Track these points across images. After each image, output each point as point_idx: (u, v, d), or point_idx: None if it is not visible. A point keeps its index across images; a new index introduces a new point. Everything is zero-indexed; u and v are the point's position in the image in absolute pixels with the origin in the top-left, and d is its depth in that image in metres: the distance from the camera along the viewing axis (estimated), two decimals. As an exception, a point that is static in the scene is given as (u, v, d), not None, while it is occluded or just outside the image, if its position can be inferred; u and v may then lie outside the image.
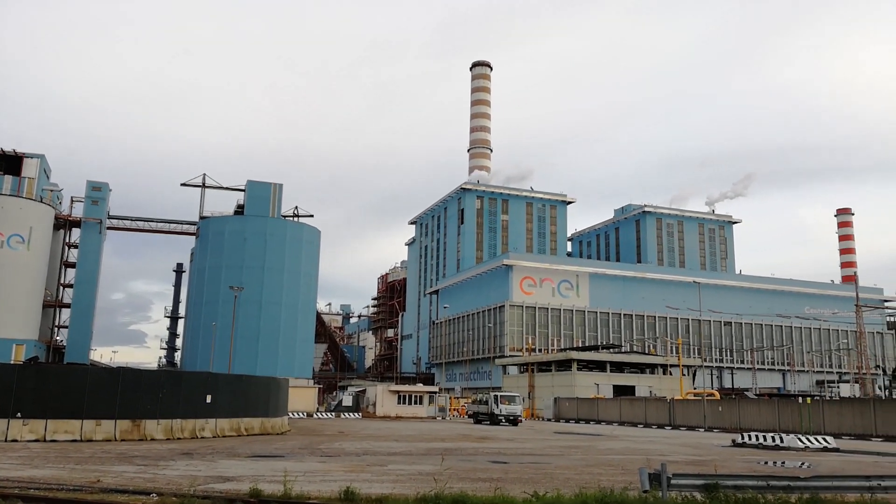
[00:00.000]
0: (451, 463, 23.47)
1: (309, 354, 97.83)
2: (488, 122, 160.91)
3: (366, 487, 15.95)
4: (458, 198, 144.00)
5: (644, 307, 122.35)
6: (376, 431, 45.52)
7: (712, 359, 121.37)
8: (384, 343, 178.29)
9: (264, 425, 39.54)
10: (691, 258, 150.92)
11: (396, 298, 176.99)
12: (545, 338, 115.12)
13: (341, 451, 28.42)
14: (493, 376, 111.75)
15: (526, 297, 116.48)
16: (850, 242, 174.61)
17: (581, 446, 34.92)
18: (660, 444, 37.48)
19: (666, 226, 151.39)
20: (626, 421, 68.49)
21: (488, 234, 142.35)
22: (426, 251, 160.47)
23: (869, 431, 46.24)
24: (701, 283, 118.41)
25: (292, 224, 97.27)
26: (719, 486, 13.60)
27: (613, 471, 22.20)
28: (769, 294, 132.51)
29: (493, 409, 60.28)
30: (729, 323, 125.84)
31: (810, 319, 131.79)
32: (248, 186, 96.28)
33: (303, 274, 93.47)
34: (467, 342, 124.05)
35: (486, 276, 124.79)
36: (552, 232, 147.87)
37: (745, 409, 57.24)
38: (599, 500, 13.00)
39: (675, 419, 63.31)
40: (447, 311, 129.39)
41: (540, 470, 22.16)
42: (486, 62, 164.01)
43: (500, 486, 16.00)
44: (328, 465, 22.71)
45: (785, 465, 25.74)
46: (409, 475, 19.82)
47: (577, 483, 17.35)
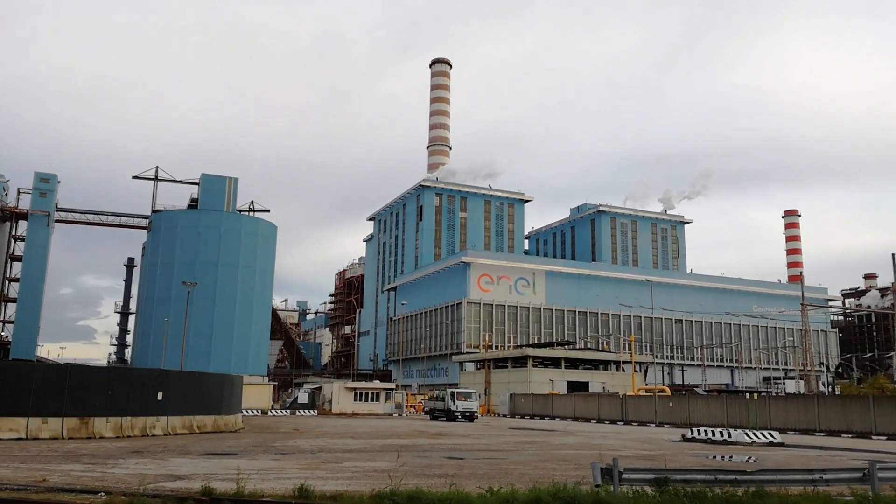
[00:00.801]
0: (407, 459, 23.50)
1: (264, 351, 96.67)
2: (448, 119, 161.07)
3: (320, 485, 15.87)
4: (417, 195, 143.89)
5: (598, 305, 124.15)
6: (332, 429, 45.26)
7: (664, 356, 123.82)
8: (341, 340, 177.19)
9: (217, 423, 38.98)
10: (644, 257, 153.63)
11: (354, 295, 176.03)
12: (502, 335, 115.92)
13: (296, 449, 28.20)
14: (451, 373, 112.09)
15: (483, 294, 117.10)
16: (796, 243, 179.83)
17: (535, 442, 35.29)
18: (612, 440, 38.12)
19: (620, 225, 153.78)
20: (579, 416, 69.45)
21: (447, 231, 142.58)
22: (384, 248, 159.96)
23: (813, 426, 47.78)
24: (653, 282, 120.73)
25: (248, 219, 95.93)
26: (669, 481, 13.89)
27: (567, 466, 22.51)
28: (718, 293, 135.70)
29: (449, 406, 60.53)
30: (680, 321, 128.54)
31: (758, 318, 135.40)
32: (203, 180, 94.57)
33: (258, 270, 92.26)
34: (425, 339, 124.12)
35: (444, 273, 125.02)
36: (510, 230, 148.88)
37: (694, 405, 58.55)
38: (553, 495, 13.16)
39: (628, 415, 64.45)
40: (405, 308, 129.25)
41: (495, 465, 22.34)
42: (446, 59, 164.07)
43: (456, 481, 16.09)
44: (282, 462, 22.51)
45: (732, 460, 26.43)
46: (365, 472, 19.79)
47: (532, 478, 17.55)
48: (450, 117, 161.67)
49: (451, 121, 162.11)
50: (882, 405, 44.87)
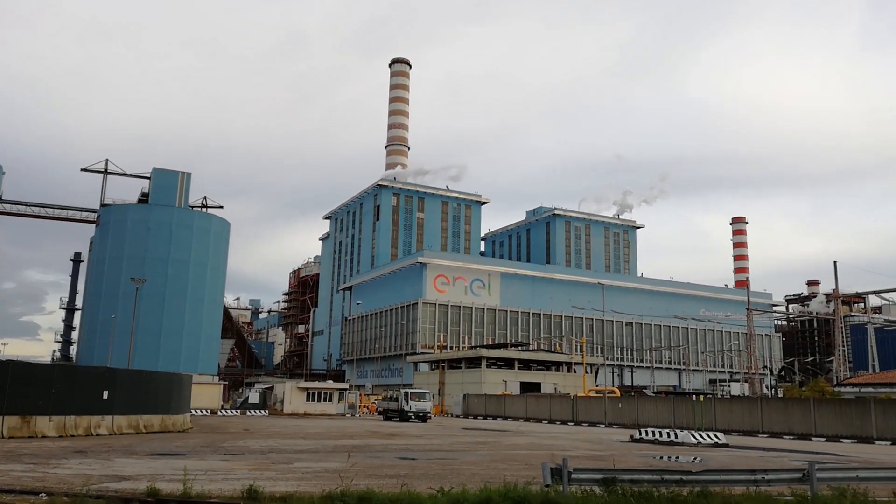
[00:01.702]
0: (359, 460, 23.41)
1: (214, 350, 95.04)
2: (406, 119, 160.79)
3: (270, 486, 15.71)
4: (374, 194, 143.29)
5: (552, 307, 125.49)
6: (283, 429, 44.78)
7: (614, 357, 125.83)
8: (294, 339, 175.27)
9: (165, 423, 38.23)
10: (597, 260, 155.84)
11: (308, 294, 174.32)
12: (457, 335, 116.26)
13: (245, 449, 27.82)
14: (405, 373, 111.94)
15: (439, 294, 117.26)
16: (743, 249, 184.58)
17: (488, 442, 35.52)
18: (562, 440, 38.60)
19: (574, 229, 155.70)
20: (531, 417, 70.11)
21: (404, 231, 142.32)
22: (340, 247, 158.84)
23: (756, 428, 49.17)
24: (605, 285, 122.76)
25: (200, 214, 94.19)
26: (617, 481, 14.14)
27: (518, 466, 22.73)
28: (668, 296, 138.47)
29: (403, 406, 60.46)
30: (630, 323, 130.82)
31: (705, 321, 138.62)
32: (154, 174, 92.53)
33: (210, 267, 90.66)
34: (380, 339, 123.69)
35: (400, 273, 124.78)
36: (467, 231, 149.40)
37: (643, 406, 59.66)
38: (503, 495, 13.28)
39: (578, 415, 65.31)
40: (360, 308, 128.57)
41: (447, 466, 22.42)
42: (406, 60, 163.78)
43: (407, 482, 16.11)
44: (231, 463, 22.20)
45: (678, 460, 27.01)
46: (315, 473, 19.65)
47: (483, 478, 17.68)
48: (408, 118, 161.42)
49: (410, 121, 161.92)
50: (822, 408, 46.44)
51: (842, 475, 15.07)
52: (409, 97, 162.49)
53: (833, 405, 46.96)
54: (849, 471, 15.43)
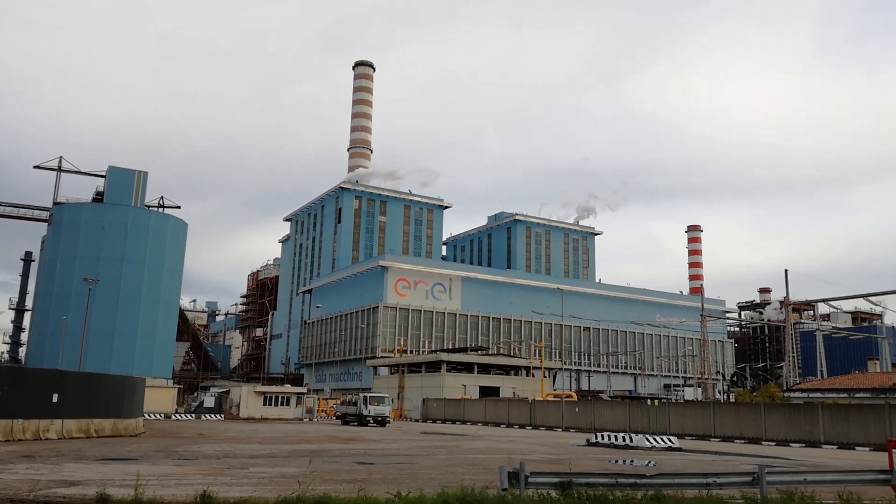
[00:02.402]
0: (316, 465, 23.22)
1: (169, 353, 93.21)
2: (369, 122, 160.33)
3: (224, 491, 15.49)
4: (336, 196, 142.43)
5: (512, 311, 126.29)
6: (239, 433, 44.15)
7: (572, 362, 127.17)
8: (252, 342, 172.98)
9: (117, 427, 37.37)
10: (556, 266, 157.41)
11: (267, 297, 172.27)
12: (417, 340, 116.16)
13: (200, 454, 27.36)
14: (364, 377, 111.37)
15: (400, 298, 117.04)
16: (697, 257, 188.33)
17: (446, 446, 35.55)
18: (520, 444, 38.84)
19: (535, 234, 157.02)
20: (490, 421, 70.39)
21: (365, 234, 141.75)
22: (301, 249, 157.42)
23: (709, 432, 50.18)
24: (564, 290, 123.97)
25: (157, 214, 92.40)
26: (573, 484, 14.31)
27: (476, 470, 22.80)
28: (625, 302, 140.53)
29: (361, 410, 60.13)
30: (588, 328, 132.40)
31: (660, 327, 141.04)
32: (110, 172, 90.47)
33: (166, 268, 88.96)
34: (339, 343, 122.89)
35: (361, 276, 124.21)
36: (428, 235, 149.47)
37: (599, 411, 60.41)
38: (460, 499, 13.32)
39: (536, 419, 65.80)
40: (320, 311, 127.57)
41: (405, 470, 22.39)
42: (369, 62, 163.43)
43: (365, 486, 16.04)
44: (185, 468, 21.82)
45: (633, 464, 27.42)
46: (271, 478, 19.44)
47: (441, 482, 17.69)
48: (371, 120, 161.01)
49: (373, 124, 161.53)
50: (772, 413, 47.64)
51: (790, 479, 15.47)
52: (373, 100, 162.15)
53: (783, 410, 48.20)
54: (797, 474, 15.84)
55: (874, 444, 39.84)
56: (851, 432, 42.30)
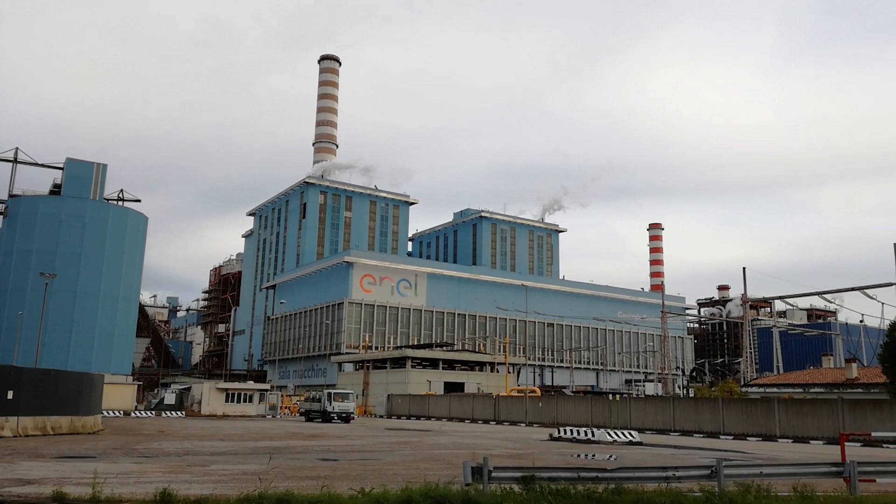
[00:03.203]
0: (279, 462, 23.06)
1: (129, 349, 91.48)
2: (335, 117, 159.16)
3: (184, 489, 15.30)
4: (300, 191, 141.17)
5: (477, 307, 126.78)
6: (200, 431, 43.59)
7: (536, 357, 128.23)
8: (214, 339, 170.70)
9: (74, 424, 36.61)
10: (521, 263, 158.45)
11: (230, 292, 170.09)
12: (382, 336, 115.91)
13: (160, 451, 26.96)
14: (329, 374, 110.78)
15: (365, 294, 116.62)
16: (658, 255, 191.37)
17: (410, 442, 35.58)
18: (484, 439, 39.06)
19: (500, 231, 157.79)
20: (454, 416, 70.62)
21: (330, 230, 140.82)
22: (265, 244, 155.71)
23: (668, 426, 51.07)
24: (528, 287, 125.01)
25: (116, 208, 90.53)
26: (535, 479, 14.45)
27: (440, 465, 22.87)
28: (587, 299, 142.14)
29: (325, 407, 59.84)
30: (552, 324, 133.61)
31: (622, 323, 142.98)
32: (68, 165, 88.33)
33: (125, 262, 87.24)
34: (303, 339, 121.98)
35: (326, 272, 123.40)
36: (394, 231, 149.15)
37: (562, 406, 61.04)
38: (424, 495, 13.35)
39: (500, 415, 66.21)
40: (284, 307, 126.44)
41: (369, 466, 22.36)
42: (335, 56, 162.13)
43: (328, 483, 15.98)
44: (144, 465, 21.48)
45: (595, 458, 27.77)
46: (233, 475, 19.25)
47: (404, 478, 17.72)
48: (337, 115, 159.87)
49: (339, 119, 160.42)
50: (730, 407, 48.66)
51: (747, 472, 15.86)
52: (339, 94, 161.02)
53: (740, 405, 49.25)
54: (754, 467, 16.25)
55: (828, 438, 40.97)
56: (806, 426, 43.44)
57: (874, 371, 55.82)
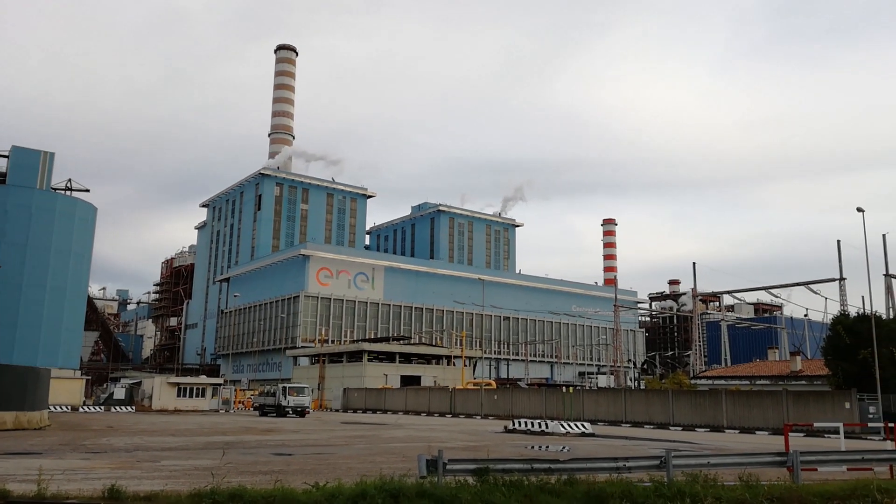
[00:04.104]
0: (232, 457, 22.81)
1: (77, 343, 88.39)
2: (291, 107, 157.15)
3: (134, 485, 15.03)
4: (256, 183, 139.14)
5: (434, 301, 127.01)
6: (151, 426, 42.84)
7: (492, 351, 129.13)
8: (166, 332, 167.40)
9: (19, 420, 35.64)
10: (478, 257, 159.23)
11: (182, 285, 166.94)
12: (339, 329, 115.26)
13: (108, 447, 26.41)
14: (284, 368, 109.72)
15: (322, 288, 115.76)
16: (612, 250, 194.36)
17: (366, 436, 35.54)
18: (440, 432, 39.25)
19: (458, 225, 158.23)
20: (411, 410, 70.75)
21: (286, 222, 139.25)
22: (218, 236, 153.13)
23: (620, 418, 52.08)
24: (485, 281, 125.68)
25: (64, 198, 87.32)
26: (489, 470, 14.61)
27: (395, 458, 22.93)
28: (543, 293, 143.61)
29: (280, 401, 59.35)
30: (508, 318, 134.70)
31: (576, 317, 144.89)
32: (13, 152, 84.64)
33: (73, 254, 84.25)
34: (258, 333, 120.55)
35: (281, 265, 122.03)
36: (352, 224, 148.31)
37: (517, 398, 61.71)
38: (379, 488, 13.37)
39: (456, 407, 66.58)
40: (238, 300, 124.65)
41: (323, 460, 22.29)
42: (292, 46, 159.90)
43: (282, 478, 15.88)
44: (92, 462, 21.02)
45: (548, 450, 28.18)
46: (184, 470, 18.98)
47: (359, 472, 17.73)
48: (294, 106, 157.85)
49: (296, 110, 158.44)
50: (679, 399, 49.85)
51: (695, 462, 16.28)
52: (295, 85, 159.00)
53: (689, 396, 50.50)
54: (701, 458, 16.69)
55: (772, 429, 42.32)
56: (752, 417, 44.80)
57: (817, 363, 57.76)
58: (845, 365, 45.77)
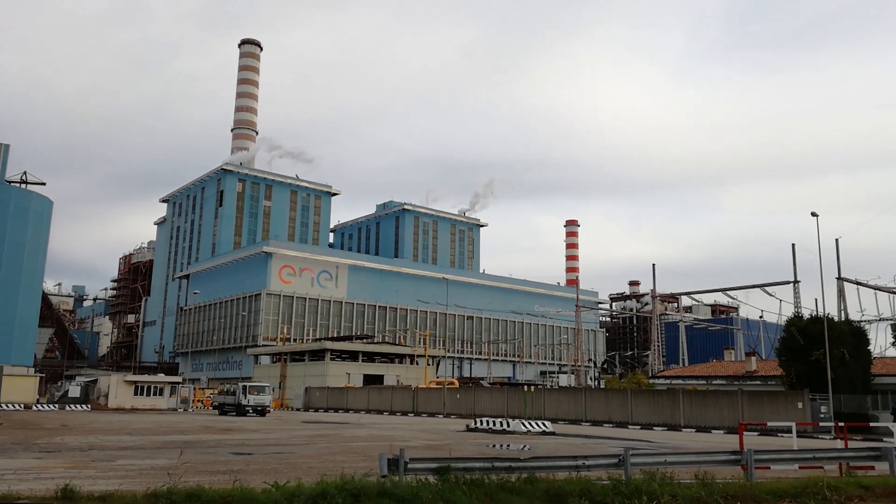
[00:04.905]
0: (190, 456, 22.48)
1: (30, 339, 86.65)
2: (255, 103, 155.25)
3: (88, 484, 14.74)
4: (218, 178, 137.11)
5: (398, 300, 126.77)
6: (107, 425, 41.95)
7: (455, 350, 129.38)
8: (123, 329, 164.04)
9: (-33, 419, 34.52)
10: (443, 256, 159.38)
11: (140, 282, 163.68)
12: (301, 328, 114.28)
13: (63, 447, 25.81)
14: (244, 366, 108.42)
15: (284, 285, 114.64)
16: (574, 250, 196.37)
17: (327, 435, 35.35)
18: (402, 431, 39.23)
19: (422, 224, 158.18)
20: (373, 409, 70.55)
21: (249, 219, 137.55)
22: (178, 232, 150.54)
23: (580, 416, 52.67)
24: (449, 280, 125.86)
25: (18, 191, 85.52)
26: (451, 469, 14.65)
27: (356, 458, 22.86)
28: (506, 292, 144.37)
29: (240, 400, 58.66)
30: (471, 317, 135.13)
31: (538, 316, 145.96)
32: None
33: (28, 248, 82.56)
34: (218, 330, 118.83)
35: (243, 262, 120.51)
36: (315, 222, 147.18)
37: (479, 397, 61.97)
38: (339, 488, 13.32)
39: (419, 406, 66.60)
40: (198, 298, 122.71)
41: (284, 460, 22.11)
42: (256, 41, 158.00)
43: (241, 477, 15.72)
44: (46, 461, 20.53)
45: (509, 448, 28.38)
46: (141, 470, 18.66)
47: (320, 471, 17.63)
48: (258, 101, 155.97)
49: (260, 105, 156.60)
50: (638, 398, 50.60)
51: (652, 460, 16.57)
52: (259, 80, 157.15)
53: (648, 396, 51.30)
54: (659, 456, 16.98)
55: (728, 428, 43.23)
56: (708, 416, 45.70)
57: (772, 364, 59.13)
58: (798, 366, 46.97)
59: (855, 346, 46.70)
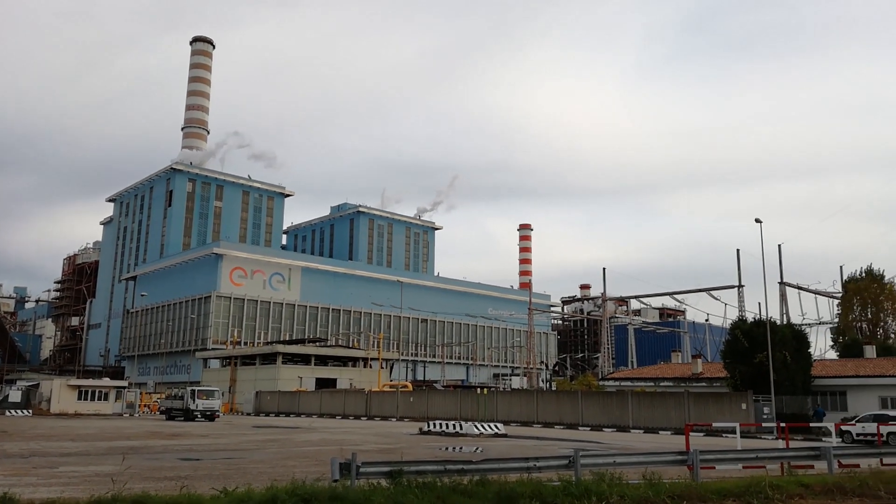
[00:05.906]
0: (135, 462, 21.95)
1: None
2: (207, 101, 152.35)
3: (29, 492, 14.27)
4: (167, 178, 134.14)
5: (352, 303, 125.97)
6: (49, 430, 40.64)
7: (409, 353, 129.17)
8: (67, 332, 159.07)
9: None
10: (398, 258, 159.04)
11: (85, 283, 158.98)
12: (253, 331, 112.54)
13: (2, 453, 24.92)
14: (193, 370, 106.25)
15: (235, 288, 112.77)
16: (528, 254, 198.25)
17: (278, 439, 34.92)
18: (355, 435, 39.01)
19: (377, 227, 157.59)
20: (325, 413, 69.93)
21: (199, 219, 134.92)
22: (125, 233, 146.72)
23: (532, 418, 53.17)
24: (404, 283, 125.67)
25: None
26: (403, 473, 14.64)
27: (308, 462, 22.65)
28: (460, 295, 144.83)
29: (188, 405, 57.53)
30: (426, 320, 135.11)
31: (492, 319, 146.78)
32: None
33: (-36, 248, 79.54)
34: (166, 334, 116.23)
35: (192, 263, 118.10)
36: (268, 223, 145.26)
37: (433, 400, 62.03)
38: (290, 493, 13.19)
39: (372, 410, 66.29)
40: (145, 300, 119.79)
41: (233, 465, 21.77)
42: (208, 39, 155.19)
43: (188, 483, 15.43)
44: (-18, 470, 19.77)
45: (462, 450, 28.49)
46: (84, 477, 18.14)
47: (271, 476, 17.41)
48: (209, 100, 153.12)
49: (212, 105, 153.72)
50: (588, 400, 51.36)
51: (602, 461, 16.86)
52: (211, 79, 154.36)
53: (598, 397, 52.11)
54: (608, 457, 17.29)
55: (675, 428, 44.18)
56: (656, 417, 46.64)
57: (717, 366, 60.60)
58: (742, 368, 48.25)
59: (796, 348, 48.18)
